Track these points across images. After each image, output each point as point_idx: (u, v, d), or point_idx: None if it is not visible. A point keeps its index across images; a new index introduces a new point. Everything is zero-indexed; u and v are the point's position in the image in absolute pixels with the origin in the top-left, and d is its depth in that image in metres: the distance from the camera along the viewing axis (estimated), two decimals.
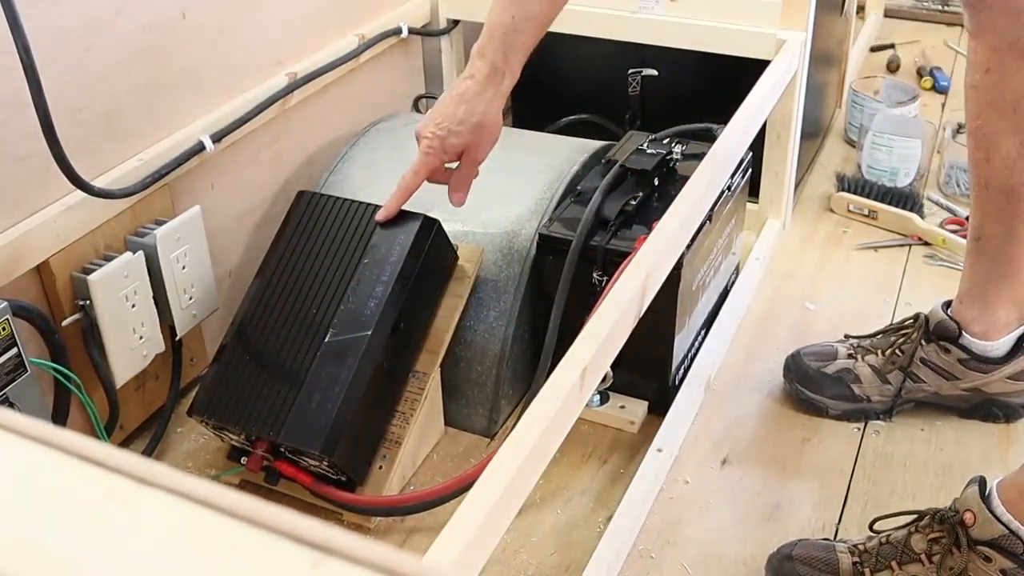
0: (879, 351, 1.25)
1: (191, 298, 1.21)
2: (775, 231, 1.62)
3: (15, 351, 0.99)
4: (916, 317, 1.24)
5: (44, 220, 1.04)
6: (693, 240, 1.16)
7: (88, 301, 1.07)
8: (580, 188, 1.28)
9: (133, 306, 1.12)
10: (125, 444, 1.23)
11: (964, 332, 1.20)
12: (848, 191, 1.71)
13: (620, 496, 1.11)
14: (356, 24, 1.54)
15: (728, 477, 1.18)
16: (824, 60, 1.78)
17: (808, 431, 1.25)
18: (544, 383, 0.78)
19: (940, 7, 2.51)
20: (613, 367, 1.09)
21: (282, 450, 1.07)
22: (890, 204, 1.66)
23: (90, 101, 1.09)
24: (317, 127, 1.48)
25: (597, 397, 1.26)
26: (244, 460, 1.11)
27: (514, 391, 1.26)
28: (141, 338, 1.14)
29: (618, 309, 0.87)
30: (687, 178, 1.09)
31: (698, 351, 1.34)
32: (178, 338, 1.21)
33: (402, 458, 1.13)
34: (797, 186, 1.72)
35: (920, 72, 2.20)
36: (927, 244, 1.61)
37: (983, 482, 0.95)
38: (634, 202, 1.23)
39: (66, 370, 1.06)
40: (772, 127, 1.53)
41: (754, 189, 1.59)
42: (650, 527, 1.11)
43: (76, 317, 1.08)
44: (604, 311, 0.86)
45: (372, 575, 0.24)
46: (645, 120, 1.64)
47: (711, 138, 1.21)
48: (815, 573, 1.01)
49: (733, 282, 1.49)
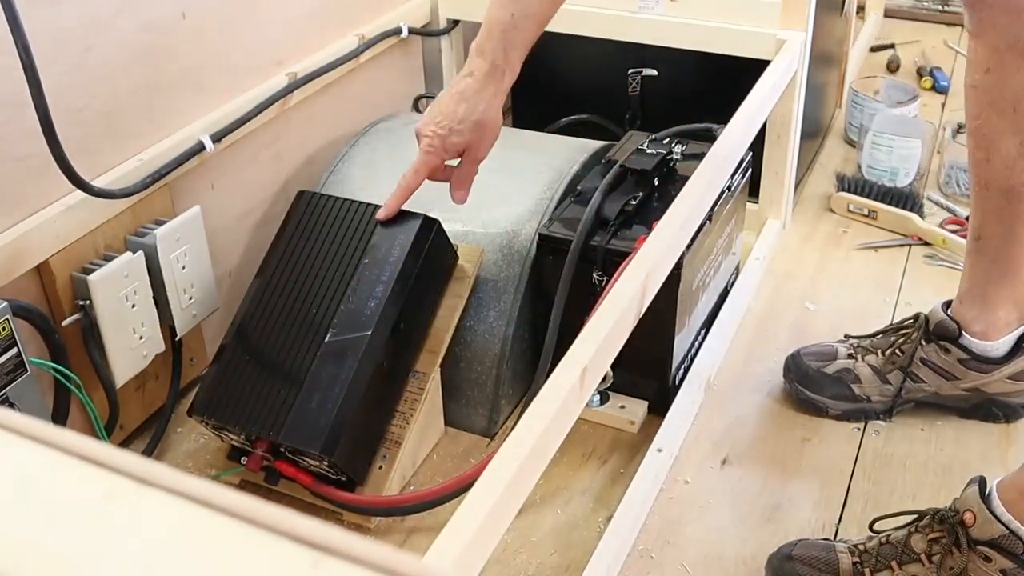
0: (879, 351, 1.25)
1: (191, 298, 1.21)
2: (775, 231, 1.62)
3: (15, 351, 0.99)
4: (916, 317, 1.24)
5: (44, 220, 1.04)
6: (693, 240, 1.16)
7: (88, 301, 1.07)
8: (580, 188, 1.28)
9: (133, 306, 1.12)
10: (125, 444, 1.23)
11: (964, 332, 1.20)
12: (848, 191, 1.71)
13: (620, 496, 1.11)
14: (356, 24, 1.54)
15: (728, 477, 1.18)
16: (824, 60, 1.78)
17: (808, 431, 1.25)
18: (544, 383, 0.78)
19: (940, 7, 2.51)
20: (613, 367, 1.09)
21: (282, 450, 1.07)
22: (890, 204, 1.66)
23: (90, 101, 1.09)
24: (317, 127, 1.48)
25: (597, 397, 1.26)
26: (244, 460, 1.11)
27: (514, 391, 1.26)
28: (141, 338, 1.14)
29: (618, 309, 0.87)
30: (687, 178, 1.09)
31: (698, 351, 1.33)
32: (178, 338, 1.21)
33: (402, 458, 1.13)
34: (797, 186, 1.72)
35: (920, 72, 2.20)
36: (927, 244, 1.61)
37: (983, 482, 0.95)
38: (634, 202, 1.23)
39: (66, 370, 1.06)
40: (772, 127, 1.53)
41: (754, 189, 1.59)
42: (650, 527, 1.11)
43: (76, 317, 1.08)
44: (604, 311, 0.86)
45: (372, 575, 0.24)
46: (645, 120, 1.64)
47: (711, 138, 1.21)
48: (815, 573, 1.01)
49: (733, 282, 1.49)
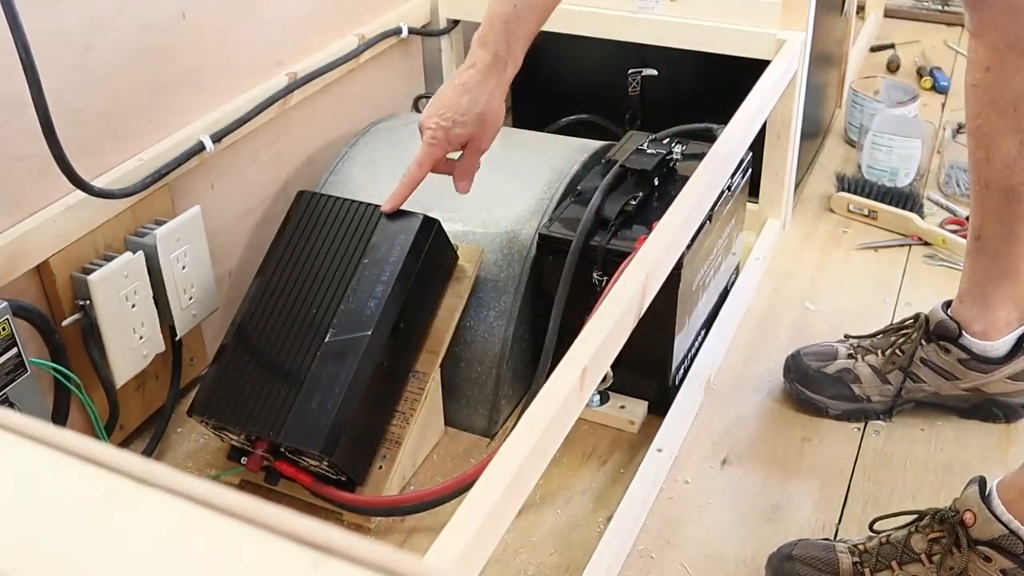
0: (879, 351, 1.25)
1: (191, 298, 1.21)
2: (775, 231, 1.62)
3: (15, 351, 0.99)
4: (916, 317, 1.24)
5: (44, 220, 1.04)
6: (693, 240, 1.15)
7: (88, 301, 1.07)
8: (580, 188, 1.28)
9: (133, 306, 1.12)
10: (125, 444, 1.23)
11: (964, 332, 1.20)
12: (848, 191, 1.71)
13: (620, 496, 1.11)
14: (356, 24, 1.54)
15: (728, 477, 1.18)
16: (824, 60, 1.78)
17: (808, 431, 1.25)
18: (544, 383, 0.78)
19: (940, 7, 2.51)
20: (613, 367, 1.09)
21: (282, 450, 1.07)
22: (890, 204, 1.66)
23: (90, 101, 1.09)
24: (317, 127, 1.48)
25: (597, 397, 1.26)
26: (244, 460, 1.11)
27: (514, 391, 1.26)
28: (141, 338, 1.14)
29: (618, 309, 0.87)
30: (687, 178, 1.09)
31: (698, 351, 1.33)
32: (178, 338, 1.21)
33: (402, 458, 1.13)
34: (797, 186, 1.72)
35: (920, 72, 2.20)
36: (927, 244, 1.61)
37: (983, 482, 0.95)
38: (634, 202, 1.23)
39: (66, 370, 1.06)
40: (772, 127, 1.53)
41: (754, 189, 1.59)
42: (650, 527, 1.11)
43: (76, 317, 1.08)
44: (604, 311, 0.86)
45: (372, 575, 0.24)
46: (645, 120, 1.64)
47: (711, 138, 1.21)
48: (815, 573, 1.01)
49: (733, 282, 1.49)
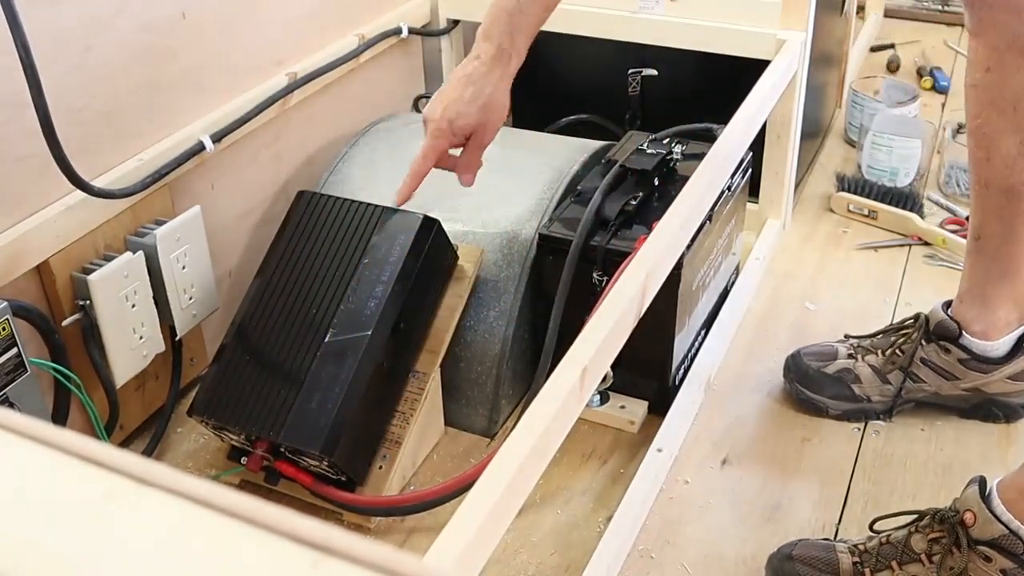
0: (879, 351, 1.25)
1: (191, 298, 1.21)
2: (775, 231, 1.62)
3: (15, 351, 0.99)
4: (916, 317, 1.24)
5: (44, 220, 1.04)
6: (693, 240, 1.15)
7: (88, 301, 1.07)
8: (580, 188, 1.28)
9: (133, 306, 1.12)
10: (125, 444, 1.23)
11: (964, 332, 1.20)
12: (848, 191, 1.71)
13: (620, 496, 1.11)
14: (356, 24, 1.54)
15: (728, 477, 1.18)
16: (824, 60, 1.78)
17: (808, 431, 1.25)
18: (544, 383, 0.78)
19: (940, 7, 2.51)
20: (613, 367, 1.09)
21: (282, 450, 1.07)
22: (890, 204, 1.66)
23: (90, 101, 1.09)
24: (317, 127, 1.48)
25: (597, 397, 1.26)
26: (244, 460, 1.11)
27: (514, 391, 1.26)
28: (141, 338, 1.14)
29: (618, 309, 0.87)
30: (687, 178, 1.09)
31: (698, 351, 1.33)
32: (178, 338, 1.21)
33: (402, 458, 1.13)
34: (797, 186, 1.72)
35: (920, 72, 2.20)
36: (927, 244, 1.61)
37: (983, 482, 0.95)
38: (634, 202, 1.23)
39: (66, 370, 1.06)
40: (772, 127, 1.53)
41: (754, 189, 1.59)
42: (650, 527, 1.11)
43: (76, 317, 1.08)
44: (604, 311, 0.86)
45: (372, 575, 0.24)
46: (645, 120, 1.64)
47: (711, 138, 1.21)
48: (815, 573, 1.01)
49: (733, 282, 1.49)
